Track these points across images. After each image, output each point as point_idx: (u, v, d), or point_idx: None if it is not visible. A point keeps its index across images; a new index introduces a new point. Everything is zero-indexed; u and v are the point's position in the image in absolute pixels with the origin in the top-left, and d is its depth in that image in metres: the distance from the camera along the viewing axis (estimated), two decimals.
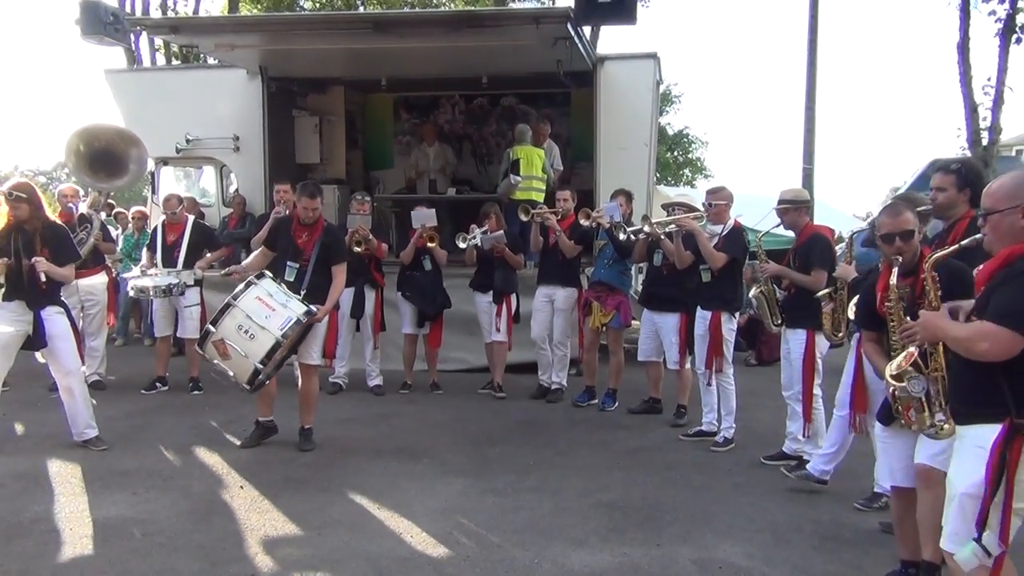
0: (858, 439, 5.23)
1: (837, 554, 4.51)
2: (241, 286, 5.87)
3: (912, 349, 3.32)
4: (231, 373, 5.72)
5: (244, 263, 6.55)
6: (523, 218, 8.16)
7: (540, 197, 9.62)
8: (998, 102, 13.51)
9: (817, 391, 5.92)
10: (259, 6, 23.68)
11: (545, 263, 8.17)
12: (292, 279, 6.10)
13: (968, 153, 13.88)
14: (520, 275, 8.38)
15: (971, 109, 13.55)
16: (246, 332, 5.63)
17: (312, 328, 6.06)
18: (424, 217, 8.20)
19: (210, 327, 5.78)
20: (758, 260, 6.25)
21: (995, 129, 13.62)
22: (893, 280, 3.73)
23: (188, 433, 6.78)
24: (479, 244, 8.08)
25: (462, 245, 8.15)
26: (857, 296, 4.43)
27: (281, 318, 5.65)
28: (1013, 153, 33.56)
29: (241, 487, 5.47)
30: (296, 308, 5.75)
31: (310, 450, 6.21)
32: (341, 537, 4.65)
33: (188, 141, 11.13)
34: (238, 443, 6.43)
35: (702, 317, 6.67)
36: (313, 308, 5.86)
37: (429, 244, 8.12)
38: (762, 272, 6.16)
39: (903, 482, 3.93)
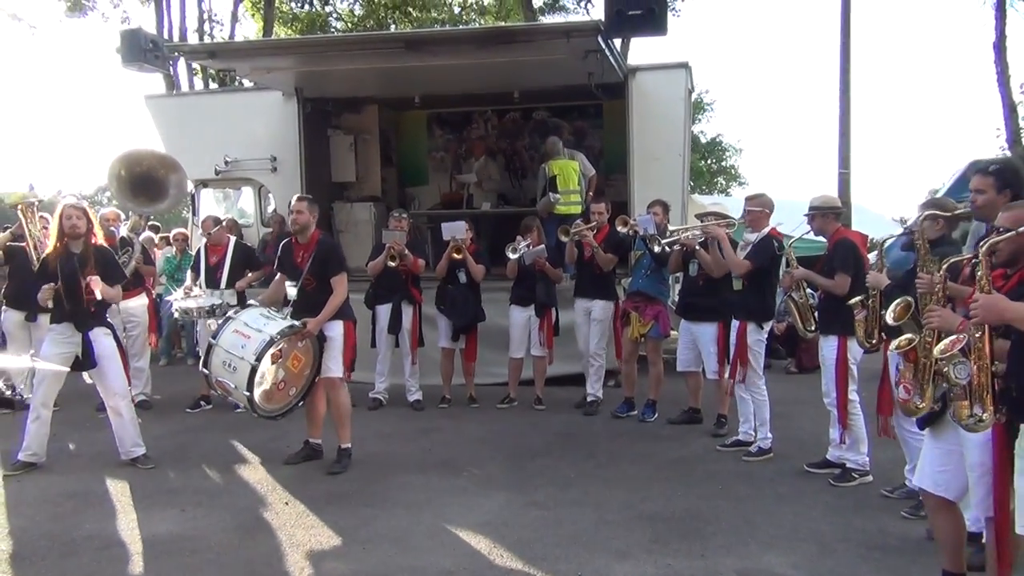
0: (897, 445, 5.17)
1: (884, 563, 4.46)
2: (221, 323, 6.08)
3: (960, 336, 3.24)
4: (241, 406, 5.86)
5: (263, 294, 6.65)
6: (563, 239, 8.17)
7: (579, 210, 9.66)
8: None
9: (854, 397, 5.87)
10: (293, 29, 24.04)
11: (581, 276, 8.21)
12: (297, 298, 6.21)
13: (1008, 153, 13.66)
14: (558, 288, 8.41)
15: (1009, 108, 13.36)
16: (230, 366, 5.79)
17: (327, 342, 6.11)
18: (454, 229, 8.26)
19: (203, 369, 6.04)
20: (791, 266, 6.22)
21: None
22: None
23: (233, 451, 6.88)
24: (523, 257, 8.12)
25: (511, 256, 8.20)
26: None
27: (255, 343, 5.71)
28: None
29: (286, 503, 5.54)
30: (272, 328, 5.79)
31: (337, 473, 6.15)
32: (386, 551, 4.69)
33: (227, 163, 11.32)
34: (282, 460, 6.51)
35: (733, 327, 6.65)
36: (297, 323, 5.90)
37: (456, 255, 8.17)
38: (791, 277, 6.15)
39: (932, 488, 3.86)
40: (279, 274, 6.54)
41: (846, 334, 5.67)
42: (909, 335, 3.85)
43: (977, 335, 3.15)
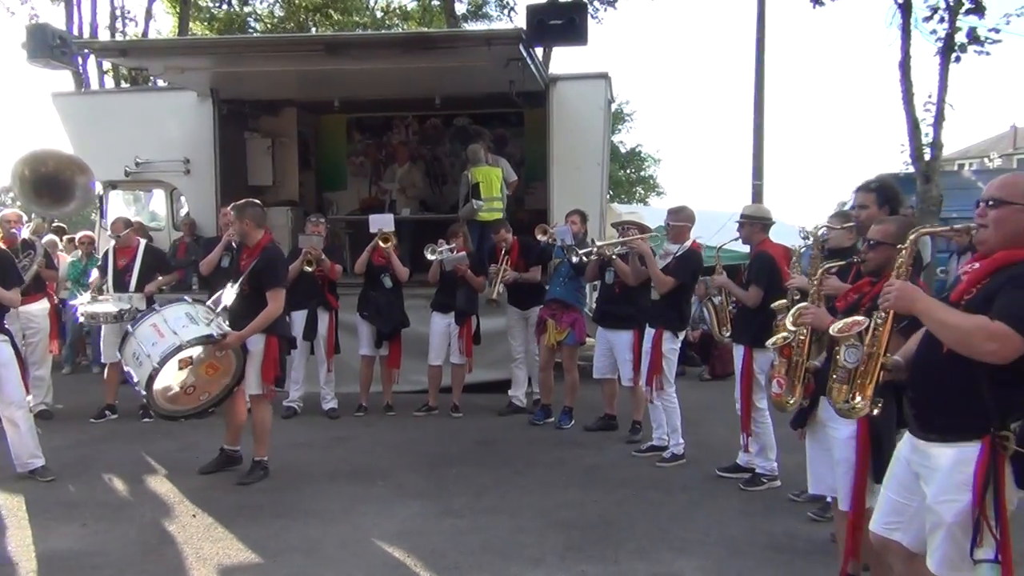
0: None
1: (790, 565, 4.57)
2: (144, 312, 5.92)
3: (862, 319, 3.17)
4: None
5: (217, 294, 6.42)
6: (540, 237, 8.13)
7: (501, 215, 9.69)
8: (939, 119, 13.79)
9: (762, 405, 6.01)
10: (210, 28, 23.53)
11: (513, 289, 8.30)
12: (234, 303, 6.01)
13: (912, 168, 14.18)
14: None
15: (913, 126, 13.82)
16: (137, 359, 5.61)
17: (249, 356, 5.91)
18: (382, 222, 8.19)
19: (118, 353, 5.87)
20: (713, 272, 6.35)
21: (936, 145, 13.91)
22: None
23: (139, 462, 6.66)
24: (443, 263, 8.08)
25: (430, 257, 8.16)
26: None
27: (164, 345, 5.51)
28: (955, 168, 34.48)
29: (193, 515, 5.38)
30: (187, 334, 5.59)
31: (248, 483, 6.00)
32: (297, 563, 4.60)
33: (137, 164, 10.97)
34: (191, 472, 6.31)
35: (649, 335, 6.74)
36: (215, 334, 5.67)
37: (383, 244, 8.09)
38: (713, 283, 6.29)
39: (825, 492, 3.99)
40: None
41: (753, 344, 5.81)
42: (784, 333, 4.01)
43: (879, 322, 3.07)
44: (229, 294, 6.03)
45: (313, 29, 24.14)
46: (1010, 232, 2.85)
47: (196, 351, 5.65)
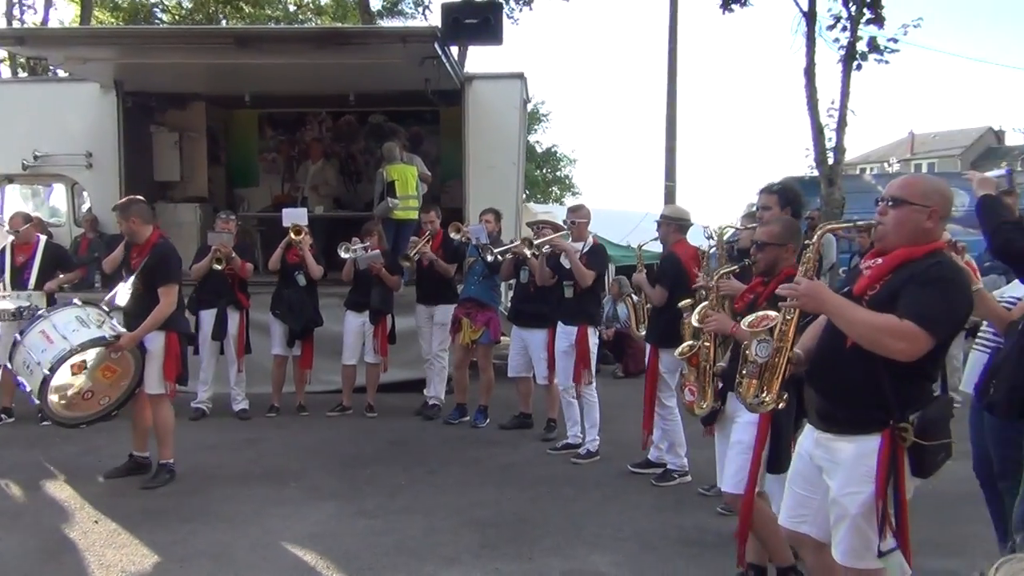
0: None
1: (700, 557, 4.68)
2: (32, 319, 5.74)
3: (773, 314, 3.17)
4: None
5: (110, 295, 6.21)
6: (404, 264, 8.12)
7: (416, 214, 9.64)
8: (841, 124, 14.36)
9: (671, 403, 6.15)
10: (115, 18, 22.76)
11: (422, 283, 8.24)
12: (128, 303, 5.83)
13: (816, 172, 14.68)
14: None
15: (818, 131, 14.35)
16: (27, 367, 5.46)
17: (147, 356, 5.75)
18: (295, 216, 8.06)
19: (7, 363, 5.70)
20: (636, 270, 6.46)
21: (839, 149, 14.47)
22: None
23: (37, 467, 6.39)
24: (356, 261, 7.99)
25: (344, 255, 8.05)
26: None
27: (55, 351, 5.36)
28: (857, 171, 35.83)
29: (96, 521, 5.19)
30: (77, 338, 5.44)
31: (153, 487, 5.82)
32: (205, 568, 4.49)
33: (36, 158, 10.57)
34: (93, 476, 6.09)
35: (565, 333, 6.80)
36: (108, 336, 5.52)
37: (294, 237, 7.95)
38: (617, 284, 6.42)
39: (728, 487, 4.11)
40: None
41: (658, 344, 5.94)
42: (691, 342, 4.19)
43: (787, 318, 3.07)
44: (123, 294, 5.85)
45: (223, 21, 23.59)
46: (909, 231, 2.94)
47: (89, 355, 5.47)
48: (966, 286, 2.93)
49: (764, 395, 3.10)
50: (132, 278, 5.81)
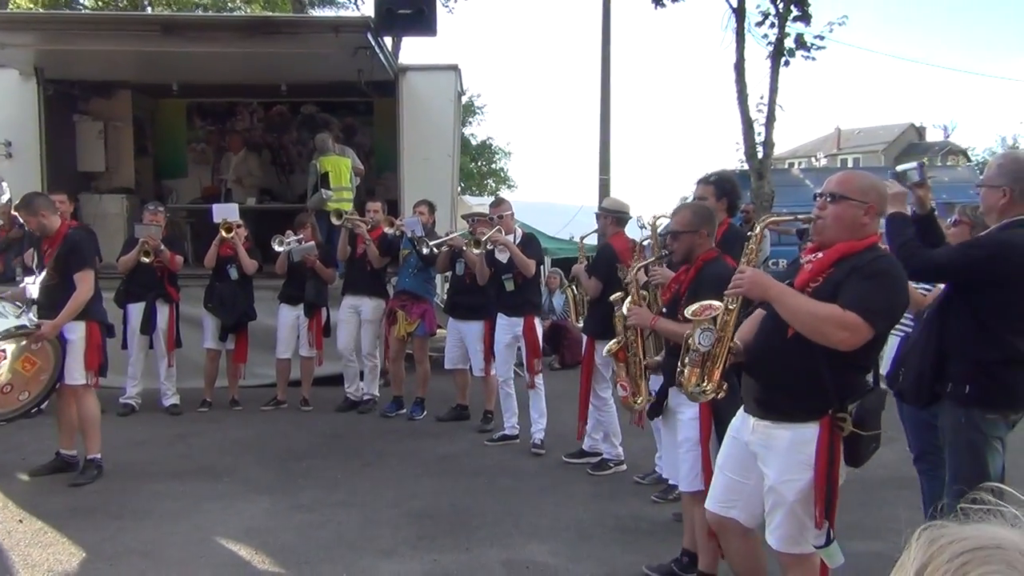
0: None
1: (635, 544, 4.75)
2: None
3: (716, 304, 3.18)
4: None
5: (11, 291, 6.02)
6: (335, 221, 8.04)
7: (350, 207, 9.54)
8: (770, 119, 14.68)
9: (606, 394, 6.23)
10: (34, 2, 21.98)
11: (352, 272, 8.08)
12: (40, 296, 5.72)
13: (746, 165, 14.97)
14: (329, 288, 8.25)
15: (747, 125, 14.64)
16: None
17: (68, 346, 5.62)
18: (225, 211, 7.91)
19: None
20: (578, 262, 6.52)
21: (768, 144, 14.79)
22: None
23: None
24: (291, 253, 7.88)
25: (277, 248, 7.93)
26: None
27: None
28: (786, 165, 36.64)
29: (20, 520, 5.04)
30: None
31: (82, 484, 5.69)
32: (136, 566, 4.39)
33: None
34: (15, 474, 5.92)
35: (508, 324, 6.81)
36: (28, 324, 5.42)
37: (225, 234, 7.82)
38: (573, 272, 6.50)
39: (685, 487, 4.17)
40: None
41: (593, 335, 6.00)
42: (617, 339, 4.25)
43: (730, 307, 3.11)
44: (33, 288, 5.75)
45: (149, 8, 22.97)
46: (847, 226, 3.01)
47: (7, 345, 5.32)
48: (905, 281, 3.05)
49: (705, 384, 3.12)
50: (44, 270, 5.70)
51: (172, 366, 7.99)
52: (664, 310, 4.10)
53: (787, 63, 14.73)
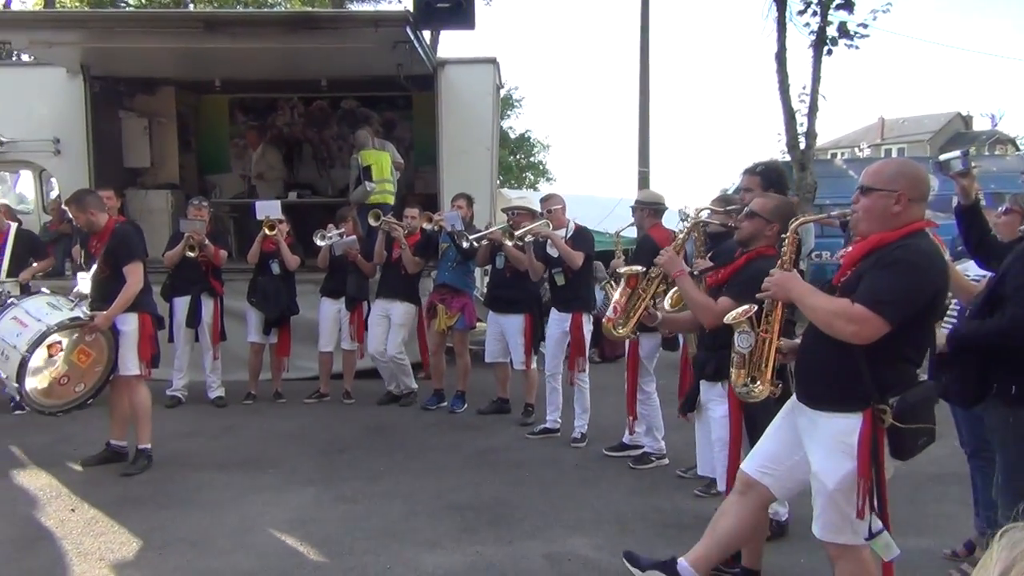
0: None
1: (679, 539, 4.69)
2: (1, 308, 5.73)
3: (751, 307, 3.31)
4: (16, 397, 5.50)
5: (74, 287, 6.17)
6: (372, 223, 8.10)
7: (392, 200, 9.61)
8: (813, 109, 14.45)
9: (650, 388, 6.19)
10: (79, 1, 22.36)
11: (386, 276, 8.08)
12: (92, 289, 5.86)
13: (788, 156, 14.78)
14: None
15: (789, 116, 14.44)
16: (3, 354, 5.44)
17: (121, 337, 5.75)
18: (268, 208, 8.00)
19: None
20: (615, 257, 6.48)
21: (810, 135, 14.57)
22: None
23: (10, 456, 6.33)
24: (332, 247, 7.94)
25: (319, 242, 7.99)
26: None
27: (30, 333, 5.37)
28: (828, 156, 36.15)
29: (72, 510, 5.16)
30: (52, 319, 5.46)
31: (133, 474, 5.82)
32: (184, 555, 4.47)
33: (1, 144, 10.36)
34: (68, 464, 6.06)
35: (559, 319, 6.80)
36: (82, 315, 5.56)
37: (268, 232, 7.90)
38: (612, 267, 6.43)
39: (710, 473, 4.17)
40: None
41: (638, 330, 5.94)
42: (640, 267, 4.32)
43: (770, 308, 3.21)
44: (84, 283, 5.90)
45: (191, 5, 23.26)
46: (877, 216, 3.00)
47: (63, 338, 5.45)
48: (929, 267, 2.94)
49: (754, 384, 3.24)
50: (94, 266, 5.83)
51: (217, 359, 8.11)
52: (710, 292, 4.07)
53: (830, 52, 14.48)
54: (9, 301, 5.81)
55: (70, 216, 10.12)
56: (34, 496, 5.44)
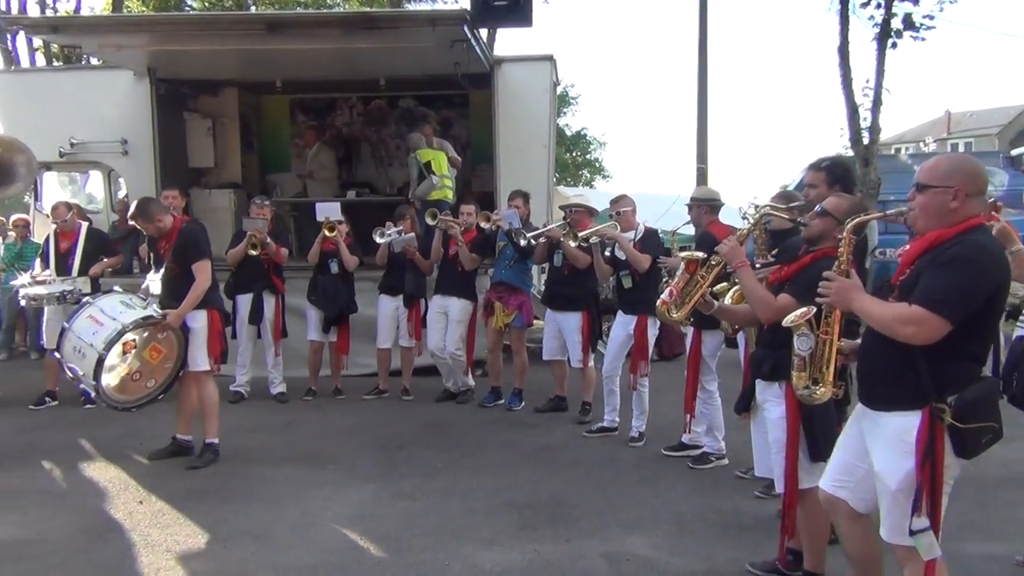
0: None
1: (739, 540, 4.67)
2: (78, 307, 5.91)
3: (809, 308, 3.31)
4: (93, 396, 5.70)
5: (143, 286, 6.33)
6: (429, 222, 8.16)
7: (451, 195, 9.67)
8: (877, 103, 14.13)
9: (712, 387, 6.13)
10: (146, 5, 22.92)
11: (443, 273, 8.14)
12: (162, 287, 6.01)
13: (851, 152, 14.48)
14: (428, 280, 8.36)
15: (852, 110, 14.14)
16: (79, 352, 5.59)
17: (191, 334, 5.89)
18: (328, 210, 8.10)
19: (56, 353, 5.87)
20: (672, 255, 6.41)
21: (874, 129, 14.25)
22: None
23: (81, 449, 6.52)
24: (392, 244, 8.01)
25: (379, 240, 8.07)
26: None
27: (106, 331, 5.52)
28: (892, 151, 35.36)
29: (140, 502, 5.30)
30: (127, 317, 5.60)
31: (199, 467, 5.96)
32: (247, 548, 4.56)
33: (72, 145, 10.67)
34: (135, 457, 6.23)
35: (625, 322, 6.76)
36: (155, 313, 5.70)
37: (328, 233, 8.00)
38: (667, 265, 6.35)
39: (767, 474, 4.12)
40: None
41: (702, 327, 5.88)
42: (700, 253, 4.29)
43: (830, 309, 3.21)
44: (154, 283, 6.06)
45: (253, 7, 23.68)
46: (934, 213, 2.98)
47: (138, 334, 5.61)
48: (988, 262, 2.90)
49: (816, 387, 3.25)
50: (164, 266, 5.99)
51: (279, 355, 8.24)
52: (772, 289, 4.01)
53: (894, 45, 14.14)
54: (85, 300, 5.99)
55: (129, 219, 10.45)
56: (103, 488, 5.59)
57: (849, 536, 3.35)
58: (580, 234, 6.94)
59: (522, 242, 7.37)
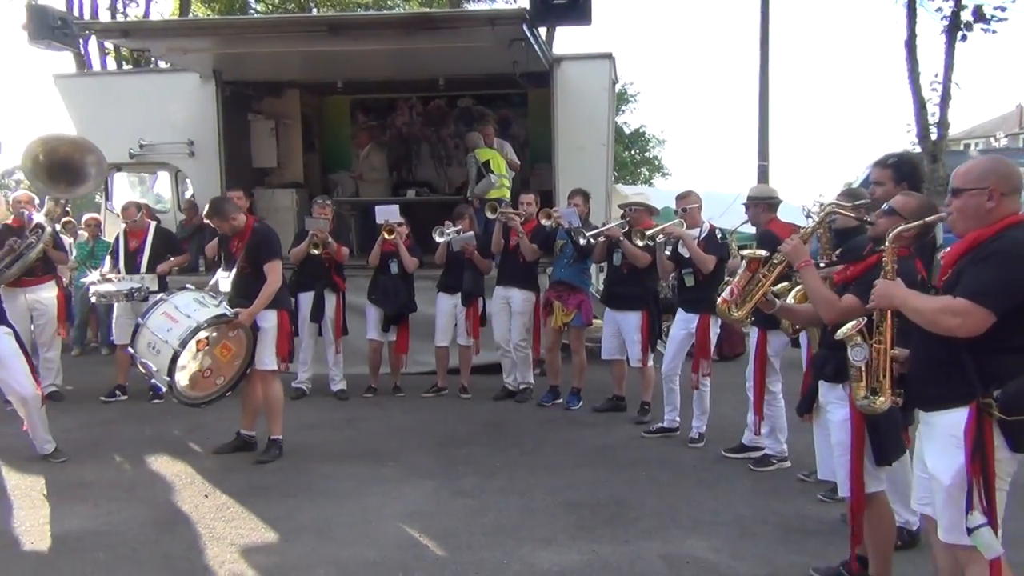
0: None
1: (801, 544, 4.59)
2: (151, 304, 6.03)
3: (860, 319, 3.35)
4: (163, 392, 5.89)
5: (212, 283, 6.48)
6: (489, 215, 8.19)
7: (508, 194, 9.69)
8: (945, 98, 13.77)
9: (775, 388, 6.02)
10: (212, 9, 23.41)
11: (505, 265, 8.17)
12: (233, 285, 6.13)
13: (918, 148, 14.13)
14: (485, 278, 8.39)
15: (920, 105, 13.80)
16: (154, 348, 5.71)
17: (261, 333, 6.00)
18: (387, 213, 8.18)
19: (130, 348, 6.04)
20: (731, 256, 6.34)
21: (943, 124, 13.89)
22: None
23: (149, 442, 6.69)
24: (451, 243, 8.06)
25: (438, 239, 8.12)
26: None
27: (181, 328, 5.63)
28: (961, 147, 34.42)
29: (206, 496, 5.42)
30: (201, 315, 5.71)
31: (265, 462, 6.07)
32: (309, 543, 4.63)
33: (141, 146, 10.96)
34: (202, 452, 6.37)
35: (685, 320, 6.70)
36: (228, 312, 5.80)
37: (387, 236, 8.07)
38: (729, 267, 6.28)
39: (830, 477, 4.04)
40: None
41: (767, 327, 5.79)
42: (763, 252, 4.23)
43: (880, 318, 3.26)
44: (224, 282, 6.18)
45: (315, 10, 24.02)
46: (971, 216, 3.04)
47: (211, 332, 5.74)
48: None
49: (875, 397, 3.29)
50: (236, 265, 6.11)
51: (339, 352, 8.35)
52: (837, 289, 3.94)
53: (964, 38, 13.75)
54: (159, 297, 6.13)
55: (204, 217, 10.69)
56: (171, 482, 5.73)
57: (942, 552, 3.28)
58: (647, 232, 6.88)
59: (581, 240, 7.35)
